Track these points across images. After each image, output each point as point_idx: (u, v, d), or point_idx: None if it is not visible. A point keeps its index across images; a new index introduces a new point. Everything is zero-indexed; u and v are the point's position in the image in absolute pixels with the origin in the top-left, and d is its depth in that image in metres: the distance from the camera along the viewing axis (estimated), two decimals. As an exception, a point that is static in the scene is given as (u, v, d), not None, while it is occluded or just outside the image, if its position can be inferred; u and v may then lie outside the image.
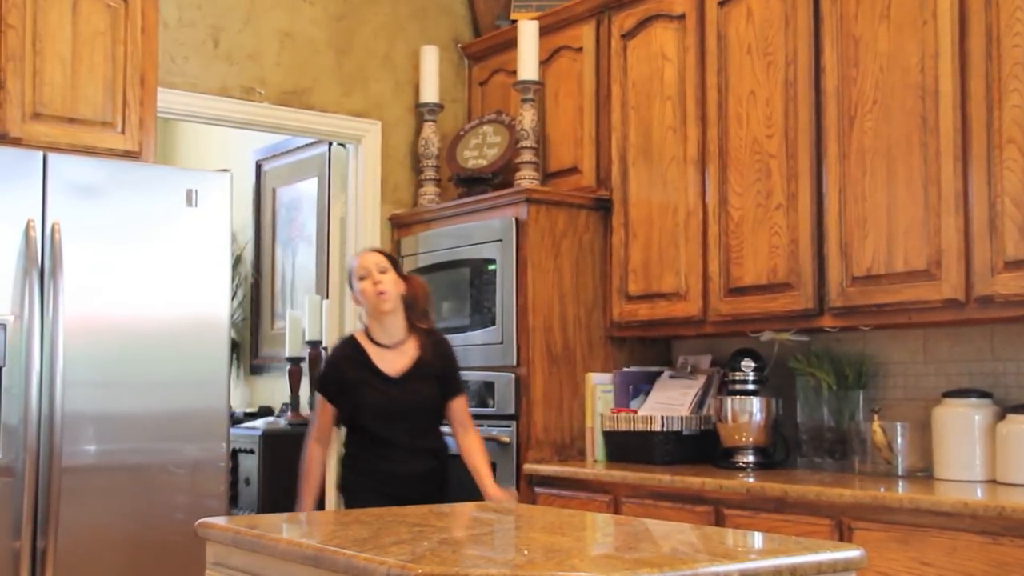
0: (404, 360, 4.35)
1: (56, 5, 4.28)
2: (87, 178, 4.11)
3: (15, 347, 3.90)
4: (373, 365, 4.33)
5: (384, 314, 4.34)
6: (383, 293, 4.30)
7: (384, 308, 4.32)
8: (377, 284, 4.30)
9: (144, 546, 4.11)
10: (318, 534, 2.84)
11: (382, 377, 4.31)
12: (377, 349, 4.37)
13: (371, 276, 4.32)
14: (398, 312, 4.37)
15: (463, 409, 4.45)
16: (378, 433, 4.31)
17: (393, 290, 4.32)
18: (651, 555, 2.28)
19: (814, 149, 4.23)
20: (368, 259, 4.39)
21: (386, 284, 4.31)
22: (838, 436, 4.36)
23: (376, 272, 4.32)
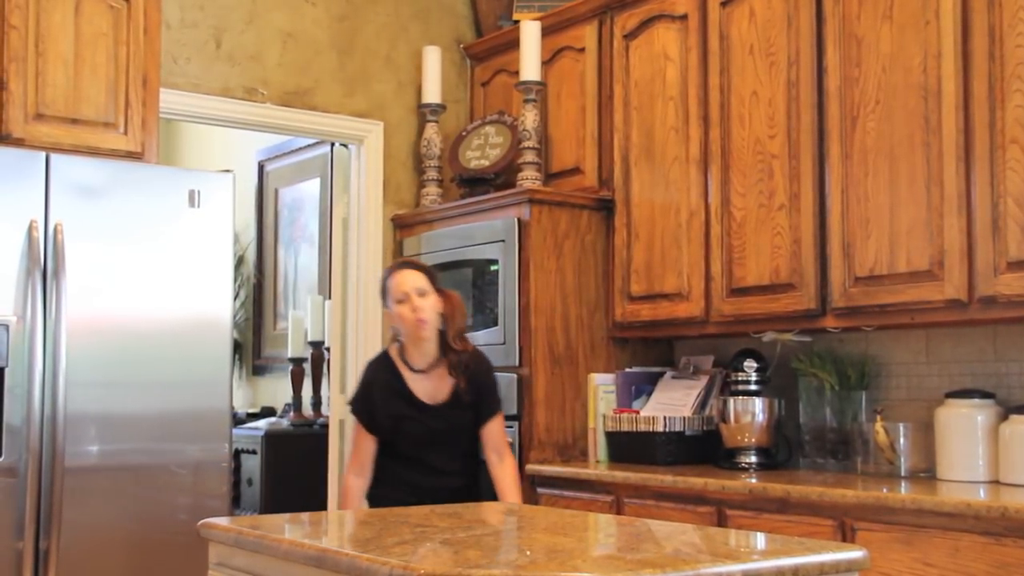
0: (441, 387, 4.15)
1: (59, 6, 4.28)
2: (90, 179, 4.11)
3: (18, 347, 3.91)
4: (409, 393, 4.14)
5: (423, 341, 4.12)
6: (423, 321, 4.07)
7: (424, 335, 4.11)
8: (417, 311, 4.06)
9: (146, 546, 4.11)
10: (321, 535, 2.84)
11: (419, 406, 4.13)
12: (413, 374, 4.17)
13: (410, 301, 4.08)
14: (435, 334, 4.16)
15: (498, 433, 4.21)
16: (409, 455, 4.16)
17: (433, 317, 4.10)
18: (653, 556, 2.28)
19: (816, 149, 4.23)
20: (407, 281, 4.11)
21: (427, 311, 4.07)
22: (840, 437, 4.36)
23: (415, 297, 4.08)
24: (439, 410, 4.13)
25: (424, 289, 4.10)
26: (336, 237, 5.88)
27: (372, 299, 5.59)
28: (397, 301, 4.10)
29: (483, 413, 4.17)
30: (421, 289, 4.09)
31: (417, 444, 4.13)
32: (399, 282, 4.12)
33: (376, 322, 5.61)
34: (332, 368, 5.90)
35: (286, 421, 6.78)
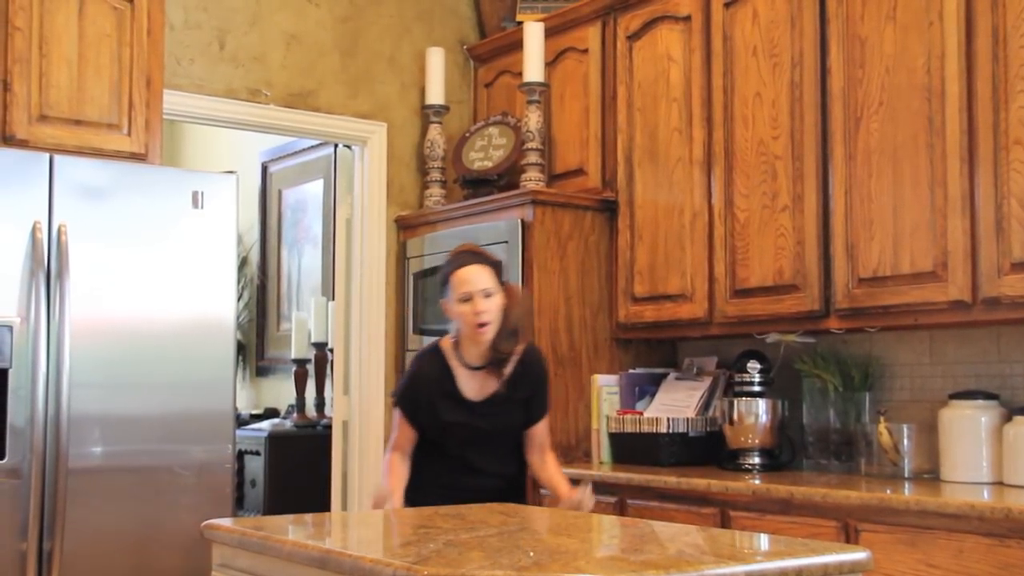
0: (490, 382, 3.88)
1: (62, 7, 4.28)
2: (93, 180, 4.12)
3: (21, 349, 3.91)
4: (458, 392, 3.86)
5: (481, 346, 3.82)
6: (484, 325, 3.77)
7: (482, 340, 3.80)
8: (479, 314, 3.76)
9: (150, 548, 4.12)
10: (324, 536, 2.84)
11: (466, 405, 3.85)
12: (465, 371, 3.88)
13: (474, 301, 3.77)
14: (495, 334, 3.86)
15: (544, 433, 4.00)
16: (452, 454, 3.89)
17: (496, 321, 3.79)
18: (657, 557, 2.28)
19: (820, 150, 4.22)
20: (474, 281, 3.79)
21: (490, 314, 3.77)
22: (844, 438, 4.35)
23: (480, 298, 3.76)
24: (486, 407, 3.86)
25: (490, 290, 3.79)
26: (339, 238, 5.88)
27: (375, 300, 5.60)
28: (460, 299, 3.79)
29: (534, 412, 3.95)
30: (488, 290, 3.79)
31: (461, 443, 3.87)
32: (465, 280, 3.79)
33: (380, 323, 5.62)
34: (335, 369, 5.90)
35: (289, 422, 6.78)
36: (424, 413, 3.88)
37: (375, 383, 5.58)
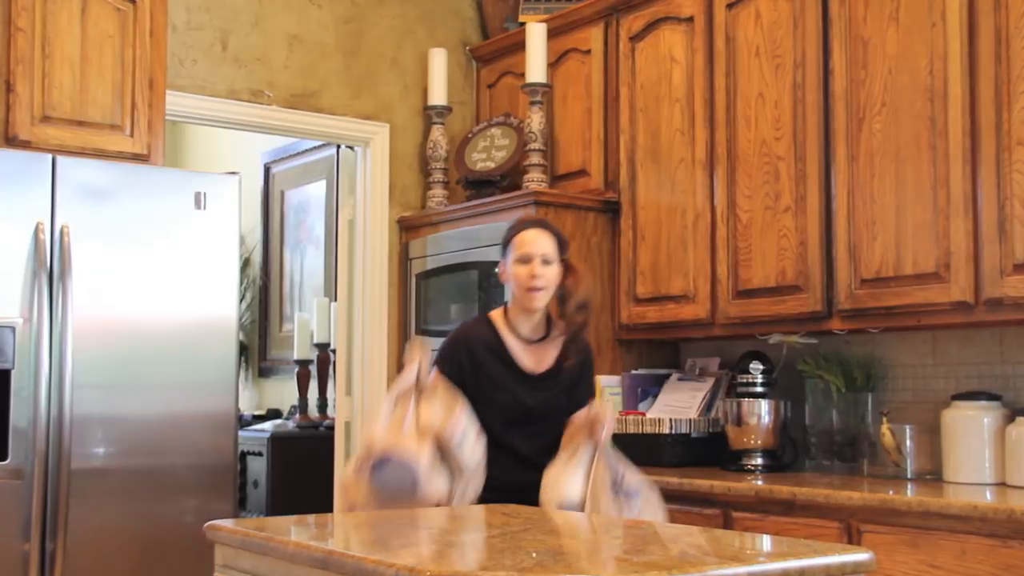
0: (544, 357, 3.71)
1: (65, 8, 4.29)
2: (96, 181, 4.12)
3: (24, 349, 3.91)
4: (511, 358, 3.67)
5: (531, 312, 3.68)
6: (537, 291, 3.63)
7: (533, 306, 3.65)
8: (535, 277, 3.61)
9: (152, 548, 4.12)
10: (326, 537, 2.84)
11: (517, 374, 3.65)
12: (516, 341, 3.70)
13: (532, 264, 3.62)
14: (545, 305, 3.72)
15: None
16: (495, 436, 3.58)
17: (549, 290, 3.67)
18: (659, 558, 2.28)
19: (822, 151, 4.22)
20: (537, 244, 3.66)
21: (546, 280, 3.63)
22: (847, 439, 4.35)
23: (539, 263, 3.62)
24: (537, 381, 3.66)
25: (550, 257, 3.65)
26: (342, 239, 5.88)
27: (378, 301, 5.60)
28: (518, 260, 3.64)
29: (580, 396, 3.74)
30: (547, 256, 3.65)
31: (505, 420, 3.60)
32: (528, 241, 3.66)
33: (382, 324, 5.62)
34: (338, 370, 5.90)
35: (292, 423, 6.79)
36: (471, 378, 3.63)
37: (377, 384, 5.57)
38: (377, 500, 3.31)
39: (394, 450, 3.32)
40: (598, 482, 3.44)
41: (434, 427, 3.37)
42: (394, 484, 3.29)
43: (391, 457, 3.31)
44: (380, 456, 3.32)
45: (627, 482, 3.51)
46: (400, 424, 3.36)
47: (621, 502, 3.45)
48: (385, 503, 3.29)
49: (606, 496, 3.44)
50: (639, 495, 3.51)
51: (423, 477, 3.30)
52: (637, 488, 3.52)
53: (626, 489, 3.49)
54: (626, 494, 3.48)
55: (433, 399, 3.42)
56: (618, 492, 3.47)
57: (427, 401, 3.42)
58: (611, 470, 3.50)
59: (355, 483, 3.36)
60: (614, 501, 3.44)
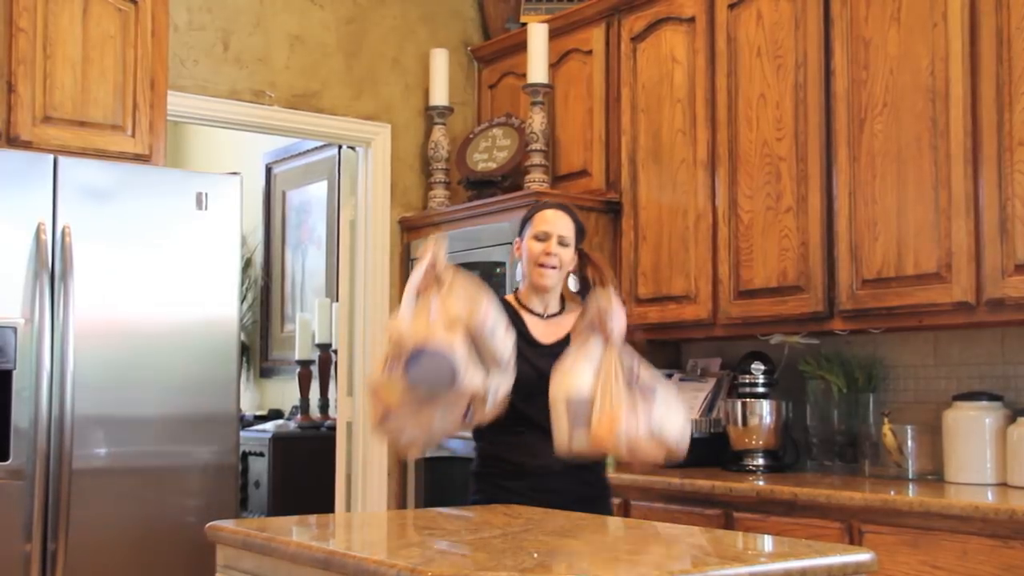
0: (558, 330, 3.58)
1: (67, 8, 4.29)
2: (97, 181, 4.12)
3: (25, 350, 3.91)
4: (526, 331, 3.56)
5: (542, 289, 3.60)
6: (547, 266, 3.56)
7: (543, 284, 3.58)
8: (549, 255, 3.56)
9: (154, 549, 4.12)
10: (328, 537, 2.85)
11: (533, 344, 3.53)
12: (531, 317, 3.62)
13: (549, 242, 3.57)
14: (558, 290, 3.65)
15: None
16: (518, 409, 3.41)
17: (562, 272, 3.61)
18: (661, 558, 2.28)
19: (824, 152, 4.22)
20: (556, 224, 3.61)
21: (559, 259, 3.57)
22: (848, 439, 4.35)
23: (555, 242, 3.57)
24: (550, 349, 3.49)
25: (567, 240, 3.59)
26: (343, 239, 5.88)
27: (379, 301, 5.60)
28: (535, 236, 3.59)
29: None
30: (565, 239, 3.59)
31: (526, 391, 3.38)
32: (548, 219, 3.61)
33: (383, 324, 5.61)
34: (339, 370, 5.90)
35: (293, 423, 6.79)
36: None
37: (379, 384, 5.57)
38: (413, 398, 3.14)
39: (427, 342, 3.12)
40: (609, 375, 3.26)
41: (462, 318, 3.18)
42: (432, 377, 3.11)
43: (425, 349, 3.11)
44: (413, 349, 3.11)
45: (643, 379, 3.32)
46: (427, 317, 3.18)
47: (637, 397, 3.25)
48: (422, 401, 3.15)
49: (619, 389, 3.24)
50: (656, 392, 3.31)
51: (462, 366, 3.13)
52: (653, 386, 3.32)
53: (642, 385, 3.30)
54: (642, 390, 3.28)
55: (455, 291, 3.24)
56: (632, 386, 3.28)
57: (449, 293, 3.23)
58: (624, 365, 3.31)
59: (387, 384, 3.15)
60: (628, 394, 3.24)
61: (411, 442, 3.35)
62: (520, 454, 3.48)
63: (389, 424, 3.19)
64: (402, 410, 3.15)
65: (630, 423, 3.21)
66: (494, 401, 3.26)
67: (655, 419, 3.25)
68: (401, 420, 3.18)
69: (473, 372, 3.16)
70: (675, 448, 3.32)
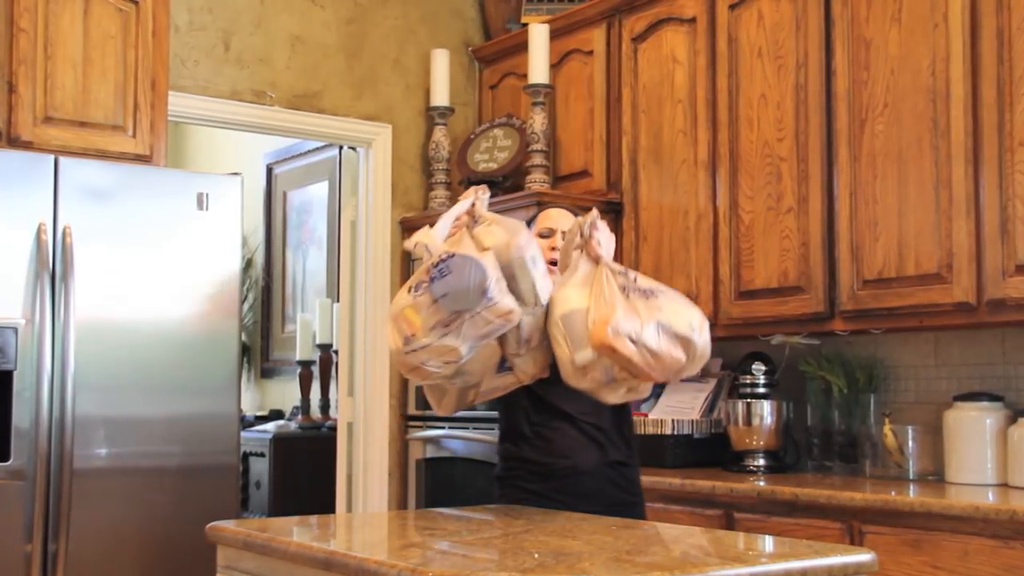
0: None
1: (67, 9, 4.29)
2: (98, 182, 4.12)
3: (26, 350, 3.91)
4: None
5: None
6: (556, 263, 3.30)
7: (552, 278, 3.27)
8: (554, 250, 3.35)
9: (155, 550, 4.12)
10: (329, 538, 2.85)
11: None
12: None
13: (553, 238, 3.40)
14: None
15: None
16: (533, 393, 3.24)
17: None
18: (662, 559, 2.28)
19: (825, 152, 4.22)
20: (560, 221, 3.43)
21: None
22: (849, 439, 4.35)
23: (558, 238, 3.38)
24: None
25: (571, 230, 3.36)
26: (344, 240, 5.89)
27: (380, 301, 5.60)
28: (539, 234, 3.40)
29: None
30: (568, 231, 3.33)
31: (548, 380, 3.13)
32: (551, 216, 3.48)
33: (384, 324, 5.61)
34: (340, 371, 5.90)
35: (294, 424, 6.79)
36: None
37: (380, 385, 5.58)
38: (440, 317, 2.84)
39: (458, 249, 2.90)
40: (600, 285, 2.97)
41: (499, 246, 2.94)
42: (460, 287, 2.82)
43: (454, 254, 2.87)
44: (441, 257, 2.87)
45: (639, 283, 2.99)
46: (460, 238, 2.97)
47: (637, 302, 2.92)
48: (450, 320, 2.84)
49: (613, 293, 2.94)
50: (659, 292, 2.97)
51: (493, 276, 2.86)
52: (651, 287, 2.98)
53: (640, 288, 2.97)
54: (642, 292, 2.96)
55: (493, 226, 3.00)
56: (631, 293, 2.95)
57: (488, 228, 2.99)
58: (617, 273, 3.00)
59: (411, 305, 2.87)
60: (627, 302, 2.92)
61: (436, 381, 3.04)
62: (547, 454, 3.26)
63: (411, 353, 2.87)
64: (427, 334, 2.85)
65: (630, 322, 2.86)
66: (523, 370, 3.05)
67: (663, 316, 2.90)
68: (425, 348, 2.87)
69: (506, 292, 2.89)
70: (694, 342, 2.94)
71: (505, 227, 2.99)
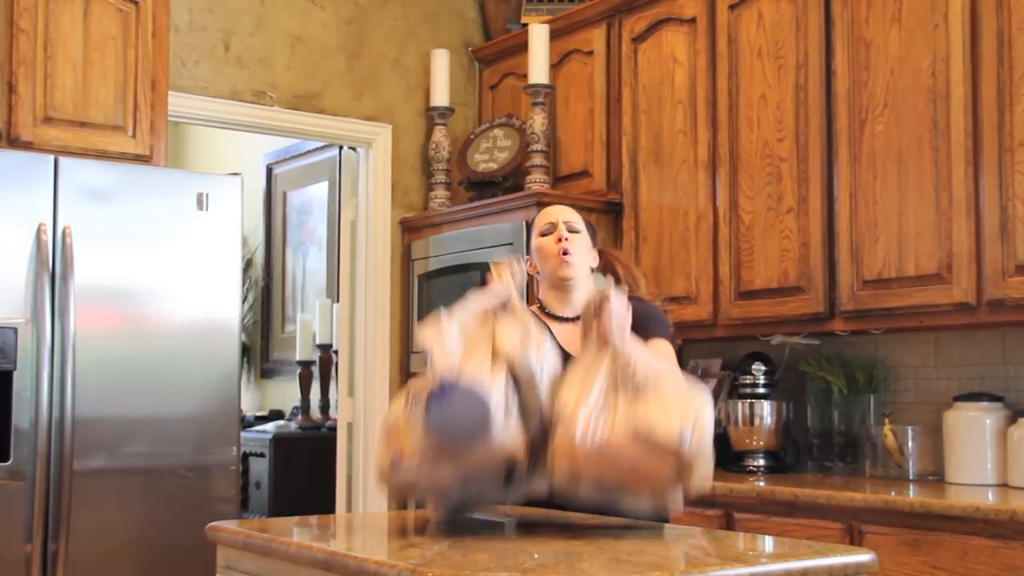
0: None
1: (67, 9, 4.29)
2: (98, 182, 4.12)
3: (26, 351, 3.91)
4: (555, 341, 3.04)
5: (565, 281, 3.22)
6: (568, 255, 3.18)
7: (566, 273, 3.20)
8: (562, 241, 3.20)
9: (155, 550, 4.12)
10: (329, 538, 2.84)
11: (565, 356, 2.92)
12: (557, 324, 3.18)
13: (557, 230, 3.23)
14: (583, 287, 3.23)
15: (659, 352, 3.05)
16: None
17: (584, 262, 3.25)
18: (662, 559, 2.28)
19: (825, 152, 4.22)
20: (556, 212, 3.31)
21: (576, 246, 3.22)
22: (849, 440, 4.35)
23: (564, 229, 3.23)
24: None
25: (576, 226, 3.27)
26: (344, 240, 5.89)
27: (380, 302, 5.60)
28: (541, 233, 3.25)
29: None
30: (572, 224, 3.26)
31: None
32: (549, 212, 3.32)
33: (384, 325, 5.62)
34: (340, 371, 5.90)
35: (294, 424, 6.79)
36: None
37: (380, 385, 5.58)
38: (433, 444, 2.57)
39: (461, 376, 2.61)
40: (588, 381, 2.64)
41: (510, 352, 2.69)
42: (459, 424, 2.55)
43: (456, 384, 2.58)
44: (441, 382, 2.58)
45: (638, 376, 2.62)
46: (474, 349, 2.69)
47: (621, 403, 2.58)
48: (442, 449, 2.57)
49: (596, 392, 2.60)
50: (653, 387, 2.61)
51: (498, 415, 2.57)
52: (647, 381, 2.61)
53: (636, 383, 2.61)
54: (635, 387, 2.60)
55: (514, 321, 2.77)
56: (622, 389, 2.60)
57: (507, 322, 2.77)
58: (621, 364, 2.65)
59: (405, 423, 2.62)
60: (609, 396, 2.59)
61: (424, 501, 2.81)
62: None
63: (397, 476, 2.65)
64: (416, 460, 2.60)
65: (592, 426, 2.52)
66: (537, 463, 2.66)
67: (641, 423, 2.52)
68: (413, 473, 2.62)
69: (512, 426, 2.60)
70: (679, 453, 2.52)
71: (521, 325, 2.76)
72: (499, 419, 2.56)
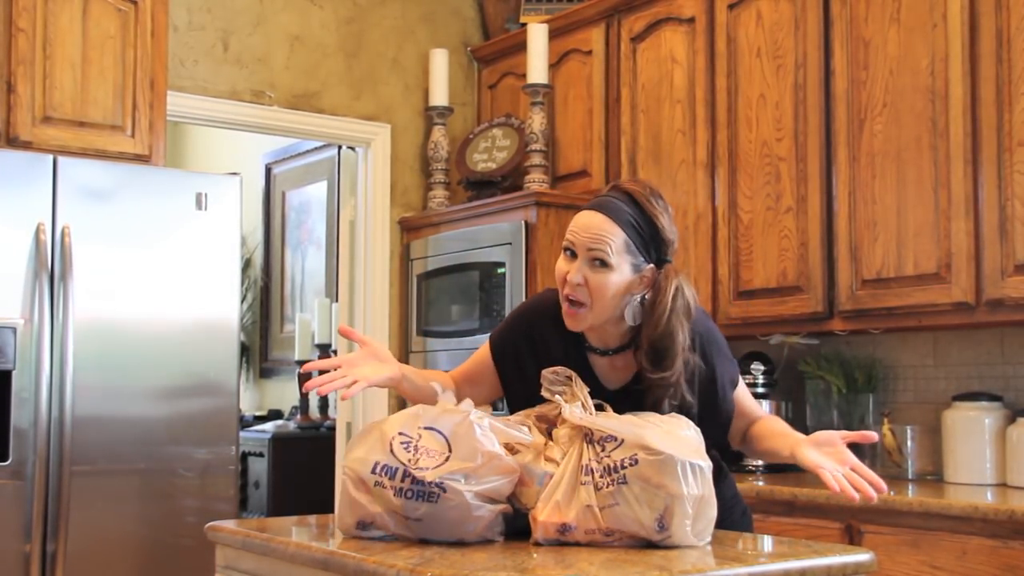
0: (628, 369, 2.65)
1: (66, 9, 4.29)
2: (97, 181, 4.12)
3: (25, 350, 3.91)
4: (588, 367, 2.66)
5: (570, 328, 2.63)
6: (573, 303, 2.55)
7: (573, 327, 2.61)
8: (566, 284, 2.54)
9: (154, 550, 4.12)
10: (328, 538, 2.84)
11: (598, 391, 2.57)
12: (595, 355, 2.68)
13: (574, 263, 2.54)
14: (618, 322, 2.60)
15: (748, 414, 2.82)
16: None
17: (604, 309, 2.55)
18: (661, 559, 2.28)
19: (824, 152, 4.22)
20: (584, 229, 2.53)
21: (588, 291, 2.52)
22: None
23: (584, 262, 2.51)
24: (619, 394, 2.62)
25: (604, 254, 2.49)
26: (343, 240, 5.89)
27: (379, 302, 5.60)
28: (563, 246, 2.58)
29: (708, 424, 2.58)
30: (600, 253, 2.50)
31: None
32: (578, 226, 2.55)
33: (383, 324, 5.62)
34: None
35: (293, 424, 6.79)
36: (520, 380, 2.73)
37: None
38: (413, 531, 2.43)
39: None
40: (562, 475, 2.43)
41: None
42: (439, 522, 2.40)
43: (446, 487, 2.38)
44: (434, 481, 2.38)
45: (613, 456, 2.37)
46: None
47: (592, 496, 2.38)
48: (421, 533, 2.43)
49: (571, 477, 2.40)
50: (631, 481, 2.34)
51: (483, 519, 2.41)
52: (622, 475, 2.36)
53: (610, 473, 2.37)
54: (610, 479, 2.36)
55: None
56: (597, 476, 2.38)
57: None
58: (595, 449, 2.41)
59: (376, 483, 2.42)
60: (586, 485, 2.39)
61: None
62: None
63: (367, 532, 2.48)
64: (390, 526, 2.44)
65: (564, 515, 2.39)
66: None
67: (614, 521, 2.37)
68: (388, 530, 2.46)
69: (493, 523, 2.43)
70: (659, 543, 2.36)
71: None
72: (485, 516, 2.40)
